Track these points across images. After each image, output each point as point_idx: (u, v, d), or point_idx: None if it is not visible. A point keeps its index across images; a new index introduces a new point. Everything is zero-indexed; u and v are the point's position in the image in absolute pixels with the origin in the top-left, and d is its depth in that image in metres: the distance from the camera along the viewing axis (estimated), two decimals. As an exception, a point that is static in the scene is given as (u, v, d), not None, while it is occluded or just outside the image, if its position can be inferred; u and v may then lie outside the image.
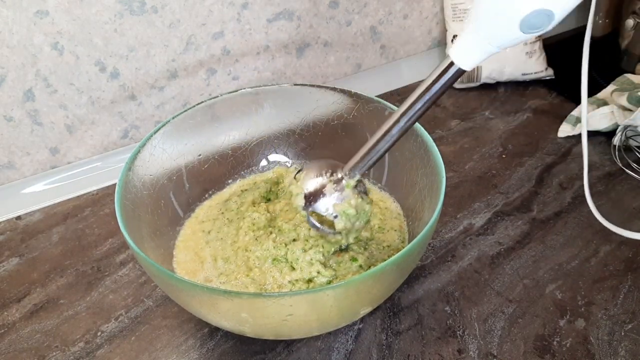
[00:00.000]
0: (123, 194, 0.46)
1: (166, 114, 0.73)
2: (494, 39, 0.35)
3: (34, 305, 0.54)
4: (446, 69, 0.39)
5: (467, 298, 0.52)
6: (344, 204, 0.47)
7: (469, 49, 0.37)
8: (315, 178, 0.48)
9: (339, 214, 0.47)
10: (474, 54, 0.37)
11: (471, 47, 0.37)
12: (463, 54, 0.37)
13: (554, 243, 0.58)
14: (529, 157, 0.70)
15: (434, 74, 0.39)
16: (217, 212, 0.57)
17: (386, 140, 0.43)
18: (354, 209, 0.47)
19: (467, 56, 0.37)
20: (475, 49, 0.37)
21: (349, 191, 0.47)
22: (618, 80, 0.74)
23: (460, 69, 0.38)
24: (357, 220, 0.48)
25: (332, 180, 0.48)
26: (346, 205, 0.47)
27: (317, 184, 0.48)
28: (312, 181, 0.48)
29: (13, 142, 0.65)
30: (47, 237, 0.61)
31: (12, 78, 0.61)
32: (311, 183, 0.48)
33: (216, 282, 0.49)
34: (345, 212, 0.47)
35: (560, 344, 0.48)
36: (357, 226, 0.49)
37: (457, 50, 0.38)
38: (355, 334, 0.50)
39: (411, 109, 0.41)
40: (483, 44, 0.36)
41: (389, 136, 0.43)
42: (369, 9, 0.80)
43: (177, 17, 0.67)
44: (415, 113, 0.41)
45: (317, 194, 0.48)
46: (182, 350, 0.49)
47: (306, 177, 0.49)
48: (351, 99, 0.57)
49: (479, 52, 0.37)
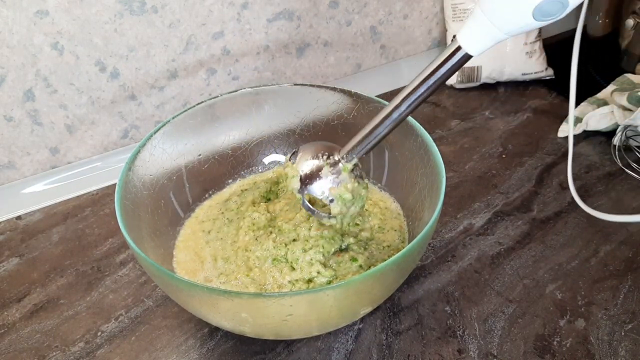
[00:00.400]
0: (123, 194, 0.46)
1: (166, 114, 0.73)
2: (504, 25, 0.35)
3: (34, 305, 0.54)
4: (452, 53, 0.38)
5: (467, 298, 0.52)
6: (340, 187, 0.46)
7: (477, 34, 0.36)
8: (312, 160, 0.47)
9: (335, 197, 0.47)
10: (482, 40, 0.36)
11: (479, 32, 0.36)
12: (471, 39, 0.36)
13: (554, 243, 0.58)
14: (529, 157, 0.70)
15: (440, 58, 0.38)
16: (217, 212, 0.57)
17: (385, 125, 0.42)
18: (351, 193, 0.47)
19: (474, 41, 0.36)
20: (483, 35, 0.36)
21: (346, 175, 0.46)
22: (618, 80, 0.74)
23: (467, 54, 0.37)
24: (352, 204, 0.48)
25: (329, 163, 0.47)
26: (343, 189, 0.46)
27: (313, 166, 0.47)
28: (308, 163, 0.47)
29: (13, 142, 0.65)
30: (47, 237, 0.61)
31: (12, 78, 0.61)
32: (307, 165, 0.47)
33: (216, 282, 0.49)
34: (341, 196, 0.46)
35: (560, 344, 0.48)
36: (352, 211, 0.48)
37: (465, 35, 0.37)
38: (355, 334, 0.50)
39: (413, 93, 0.40)
40: (492, 30, 0.35)
41: (389, 120, 0.42)
42: (369, 9, 0.80)
43: (177, 17, 0.67)
44: (417, 98, 0.40)
45: (313, 177, 0.47)
46: (182, 350, 0.49)
47: (302, 159, 0.48)
48: (351, 99, 0.57)
49: (488, 38, 0.36)
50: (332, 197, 0.47)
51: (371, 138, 0.44)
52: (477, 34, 0.36)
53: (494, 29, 0.35)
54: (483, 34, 0.36)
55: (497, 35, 0.35)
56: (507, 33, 0.35)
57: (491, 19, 0.35)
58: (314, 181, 0.47)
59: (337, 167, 0.47)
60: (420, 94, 0.40)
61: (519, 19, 0.34)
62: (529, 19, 0.33)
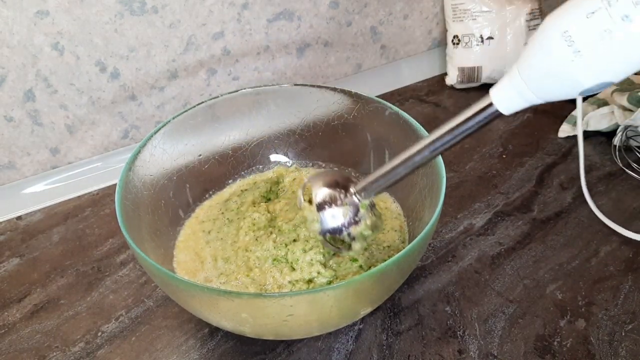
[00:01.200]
0: (123, 194, 0.46)
1: (166, 114, 0.73)
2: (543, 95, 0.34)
3: (34, 305, 0.54)
4: (484, 108, 0.37)
5: (468, 298, 0.52)
6: (361, 225, 0.46)
7: (512, 95, 0.35)
8: (330, 200, 0.46)
9: (356, 236, 0.46)
10: (516, 102, 0.35)
11: (515, 94, 0.35)
12: (504, 98, 0.36)
13: (554, 243, 0.58)
14: (529, 157, 0.70)
15: (470, 111, 0.38)
16: (217, 212, 0.57)
17: (407, 166, 0.42)
18: (370, 229, 0.46)
19: (508, 101, 0.36)
20: (518, 98, 0.35)
21: (364, 211, 0.46)
22: (618, 81, 0.74)
23: (497, 111, 0.36)
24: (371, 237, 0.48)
25: (347, 202, 0.46)
26: (363, 227, 0.46)
27: (333, 209, 0.46)
28: (326, 203, 0.46)
29: (13, 142, 0.65)
30: (48, 237, 0.61)
31: (13, 78, 0.61)
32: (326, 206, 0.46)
33: (216, 282, 0.49)
34: (362, 233, 0.46)
35: (560, 345, 0.48)
36: (370, 240, 0.48)
37: (499, 93, 0.36)
38: (355, 334, 0.49)
39: (439, 140, 0.40)
40: (529, 96, 0.34)
41: (411, 162, 0.42)
42: (369, 9, 0.80)
43: (177, 17, 0.67)
44: (441, 145, 0.40)
45: (333, 219, 0.46)
46: (182, 351, 0.49)
47: (318, 197, 0.46)
48: (351, 99, 0.57)
49: (522, 101, 0.35)
50: (353, 236, 0.46)
51: (390, 177, 0.43)
52: (512, 95, 0.35)
53: (531, 95, 0.34)
54: (518, 97, 0.35)
55: (532, 100, 0.35)
56: (544, 100, 0.34)
57: (530, 86, 0.34)
58: (334, 223, 0.46)
59: (354, 203, 0.46)
60: (444, 142, 0.40)
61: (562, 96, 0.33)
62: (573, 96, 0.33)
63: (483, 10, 0.79)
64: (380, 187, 0.45)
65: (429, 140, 0.40)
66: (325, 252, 0.48)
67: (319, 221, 0.46)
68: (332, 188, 0.47)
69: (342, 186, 0.47)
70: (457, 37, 0.82)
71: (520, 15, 0.80)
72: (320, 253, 0.48)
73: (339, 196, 0.46)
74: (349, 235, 0.46)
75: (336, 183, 0.47)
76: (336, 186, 0.47)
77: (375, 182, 0.44)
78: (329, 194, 0.46)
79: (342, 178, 0.48)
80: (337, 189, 0.46)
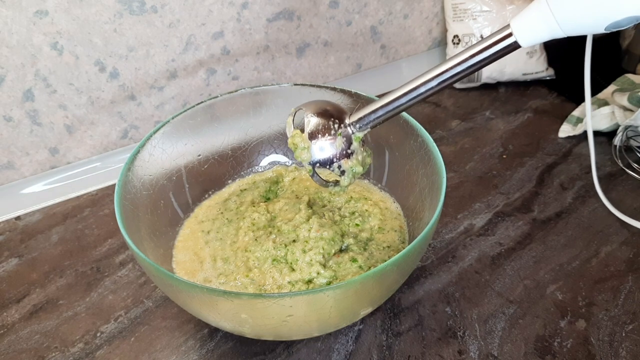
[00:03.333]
0: (122, 194, 0.46)
1: (166, 114, 0.73)
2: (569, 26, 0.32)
3: (33, 305, 0.53)
4: (502, 38, 0.35)
5: (468, 299, 0.52)
6: (352, 160, 0.44)
7: (535, 25, 0.33)
8: (323, 129, 0.43)
9: (346, 170, 0.44)
10: (538, 32, 0.33)
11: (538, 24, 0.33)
12: (526, 28, 0.34)
13: (554, 244, 0.58)
14: (529, 158, 0.70)
15: (486, 42, 0.35)
16: (217, 212, 0.57)
17: (410, 97, 0.39)
18: (361, 165, 0.45)
19: (529, 32, 0.34)
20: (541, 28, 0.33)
21: (357, 145, 0.44)
22: (619, 80, 0.74)
23: (516, 42, 0.34)
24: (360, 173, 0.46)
25: (341, 133, 0.43)
26: (355, 162, 0.44)
27: (327, 138, 0.43)
28: (319, 132, 0.43)
29: (12, 142, 0.65)
30: (47, 238, 0.61)
31: (12, 78, 0.61)
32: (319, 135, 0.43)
33: (215, 282, 0.49)
34: (352, 168, 0.44)
35: (561, 345, 0.48)
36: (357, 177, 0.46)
37: (521, 23, 0.34)
38: (355, 334, 0.49)
39: (449, 71, 0.37)
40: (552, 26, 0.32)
41: (415, 93, 0.39)
42: (369, 9, 0.80)
43: (176, 17, 0.67)
44: (452, 76, 0.37)
45: (326, 149, 0.44)
46: (181, 351, 0.49)
47: (311, 125, 0.44)
48: (351, 99, 0.57)
49: (544, 33, 0.33)
50: (343, 169, 0.44)
51: (389, 108, 0.41)
52: (534, 25, 0.33)
53: (555, 25, 0.32)
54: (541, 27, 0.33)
55: (555, 31, 0.33)
56: (567, 32, 0.33)
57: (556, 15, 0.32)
58: (326, 153, 0.44)
59: (348, 134, 0.43)
60: (455, 72, 0.37)
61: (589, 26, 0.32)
62: (599, 28, 0.31)
63: (483, 10, 0.79)
64: (378, 120, 0.42)
65: (439, 71, 0.38)
66: (324, 252, 0.48)
67: (309, 149, 0.44)
68: (325, 117, 0.44)
69: (337, 116, 0.44)
70: (457, 36, 0.82)
71: (520, 15, 0.79)
72: (320, 253, 0.48)
73: (332, 126, 0.44)
74: (339, 168, 0.44)
75: (330, 112, 0.45)
76: (330, 115, 0.44)
77: (373, 113, 0.42)
78: (322, 123, 0.44)
79: (336, 107, 0.45)
80: (331, 119, 0.44)
